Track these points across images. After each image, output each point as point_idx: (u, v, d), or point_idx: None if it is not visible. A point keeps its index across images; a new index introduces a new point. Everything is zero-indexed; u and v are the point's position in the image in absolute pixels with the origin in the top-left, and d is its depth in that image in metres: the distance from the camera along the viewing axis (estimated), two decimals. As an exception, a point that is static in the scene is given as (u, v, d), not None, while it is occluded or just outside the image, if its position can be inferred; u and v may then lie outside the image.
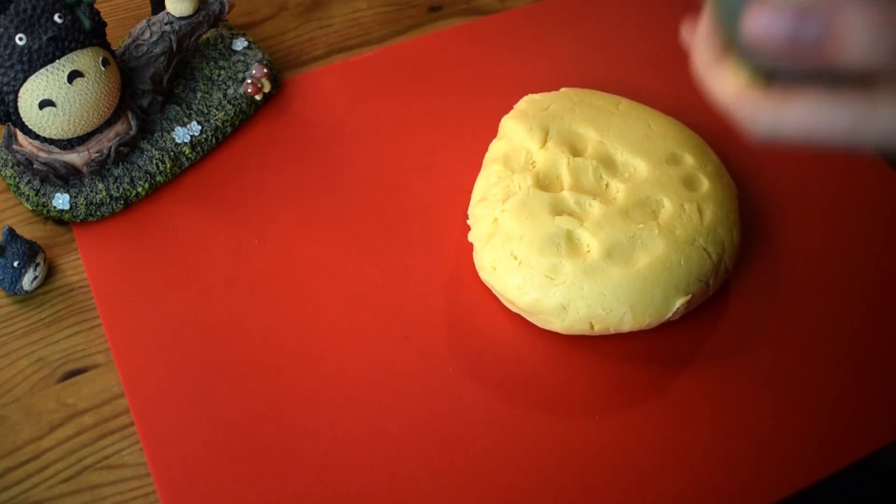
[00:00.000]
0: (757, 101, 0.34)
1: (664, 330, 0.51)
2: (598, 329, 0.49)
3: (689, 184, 0.53)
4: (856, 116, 0.33)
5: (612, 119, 0.55)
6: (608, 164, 0.53)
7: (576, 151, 0.54)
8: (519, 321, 0.51)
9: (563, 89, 0.58)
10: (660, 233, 0.50)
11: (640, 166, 0.53)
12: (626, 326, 0.49)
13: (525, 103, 0.57)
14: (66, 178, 0.53)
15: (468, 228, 0.53)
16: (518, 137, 0.54)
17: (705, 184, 0.53)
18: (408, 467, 0.47)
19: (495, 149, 0.55)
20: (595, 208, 0.51)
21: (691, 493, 0.47)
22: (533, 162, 0.53)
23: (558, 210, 0.51)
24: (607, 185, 0.52)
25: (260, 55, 0.60)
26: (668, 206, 0.51)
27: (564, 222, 0.50)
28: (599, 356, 0.51)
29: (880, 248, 0.56)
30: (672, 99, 0.62)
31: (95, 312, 0.51)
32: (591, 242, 0.50)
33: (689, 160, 0.54)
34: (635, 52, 0.65)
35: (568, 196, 0.51)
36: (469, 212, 0.54)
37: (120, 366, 0.49)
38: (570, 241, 0.49)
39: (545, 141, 0.54)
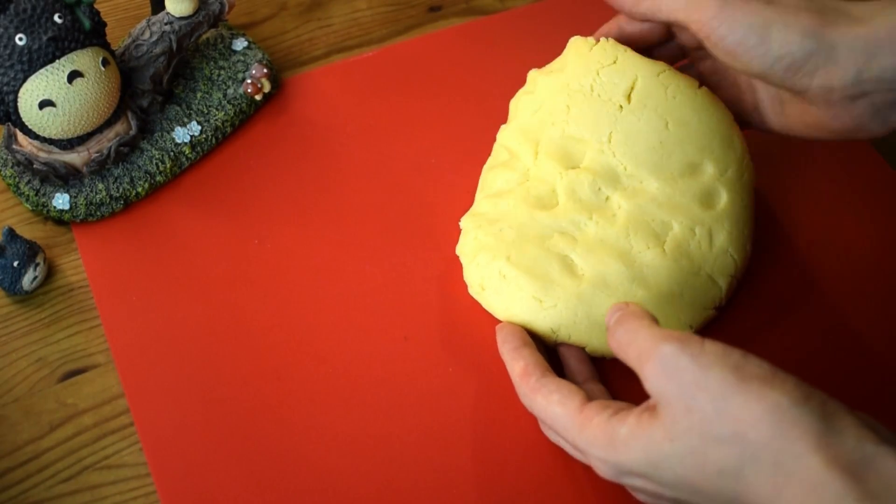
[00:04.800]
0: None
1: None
2: (592, 354, 0.48)
3: (706, 200, 0.48)
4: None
5: (616, 119, 0.48)
6: (608, 176, 0.48)
7: (570, 161, 0.49)
8: (519, 321, 0.51)
9: (571, 48, 0.51)
10: (662, 262, 0.46)
11: (647, 180, 0.47)
12: None
13: (526, 92, 0.53)
14: (66, 178, 0.53)
15: None
16: (513, 146, 0.51)
17: (723, 198, 0.48)
18: (408, 467, 0.47)
19: (504, 140, 0.52)
20: (591, 228, 0.47)
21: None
22: (527, 173, 0.50)
23: (550, 231, 0.47)
24: (608, 199, 0.47)
25: (260, 55, 0.60)
26: (676, 230, 0.47)
27: (556, 245, 0.47)
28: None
29: (886, 249, 0.56)
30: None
31: (95, 312, 0.51)
32: (584, 267, 0.47)
33: (709, 169, 0.48)
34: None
35: (561, 215, 0.47)
36: (461, 222, 0.51)
37: (120, 366, 0.49)
38: (564, 265, 0.47)
39: (536, 153, 0.50)
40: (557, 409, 0.42)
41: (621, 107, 0.48)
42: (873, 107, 0.44)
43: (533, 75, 0.53)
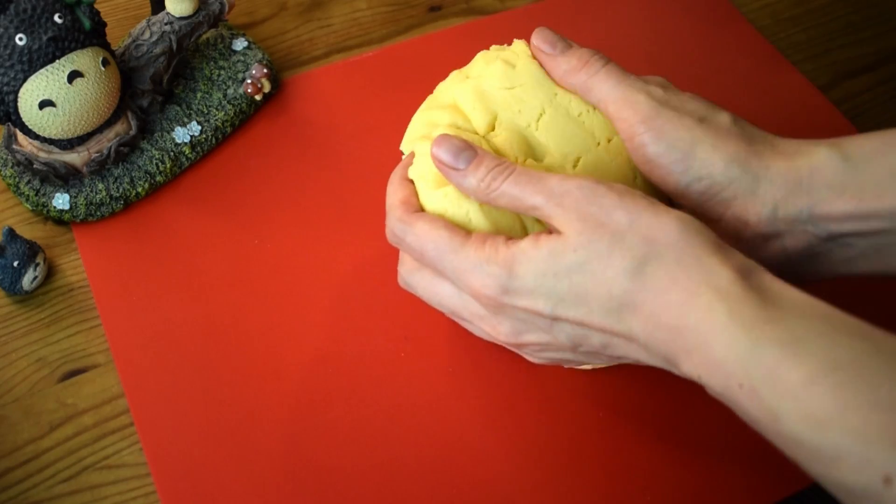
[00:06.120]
0: (401, 214, 0.43)
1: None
2: None
3: None
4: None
5: (591, 155, 0.45)
6: None
7: (531, 153, 0.44)
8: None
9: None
10: None
11: None
12: None
13: (506, 61, 0.46)
14: (66, 178, 0.53)
15: None
16: (464, 105, 0.46)
17: None
18: (408, 467, 0.47)
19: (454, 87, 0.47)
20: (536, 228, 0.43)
21: (691, 493, 0.47)
22: (478, 140, 0.44)
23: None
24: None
25: (260, 55, 0.60)
26: None
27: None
28: (599, 356, 0.51)
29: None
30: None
31: (95, 312, 0.51)
32: None
33: None
34: (635, 52, 0.65)
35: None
36: (405, 147, 0.47)
37: (120, 366, 0.49)
38: (525, 232, 0.43)
39: (493, 126, 0.45)
40: (443, 233, 0.41)
41: (599, 143, 0.45)
42: (785, 253, 0.42)
43: (521, 48, 0.47)
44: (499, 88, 0.45)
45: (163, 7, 0.56)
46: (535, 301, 0.39)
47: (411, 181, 0.45)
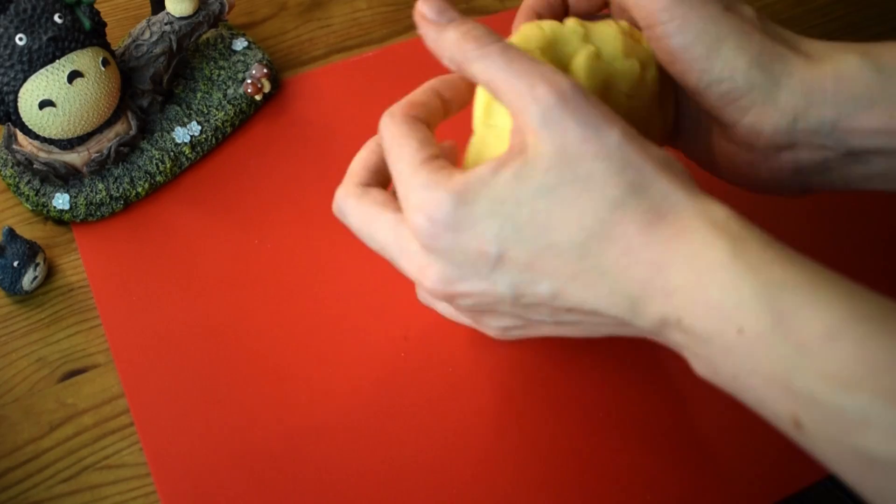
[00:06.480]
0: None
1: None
2: None
3: None
4: None
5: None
6: None
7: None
8: (519, 321, 0.51)
9: None
10: None
11: None
12: None
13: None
14: (66, 178, 0.53)
15: None
16: (577, 64, 0.40)
17: None
18: (408, 467, 0.47)
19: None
20: None
21: (692, 493, 0.47)
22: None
23: None
24: None
25: (260, 55, 0.60)
26: None
27: None
28: (601, 356, 0.51)
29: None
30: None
31: (95, 312, 0.51)
32: None
33: None
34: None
35: None
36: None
37: (120, 366, 0.49)
38: None
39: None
40: (413, 142, 0.38)
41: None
42: (796, 164, 0.40)
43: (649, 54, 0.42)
44: (620, 89, 0.41)
45: (163, 7, 0.56)
46: (482, 233, 0.35)
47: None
